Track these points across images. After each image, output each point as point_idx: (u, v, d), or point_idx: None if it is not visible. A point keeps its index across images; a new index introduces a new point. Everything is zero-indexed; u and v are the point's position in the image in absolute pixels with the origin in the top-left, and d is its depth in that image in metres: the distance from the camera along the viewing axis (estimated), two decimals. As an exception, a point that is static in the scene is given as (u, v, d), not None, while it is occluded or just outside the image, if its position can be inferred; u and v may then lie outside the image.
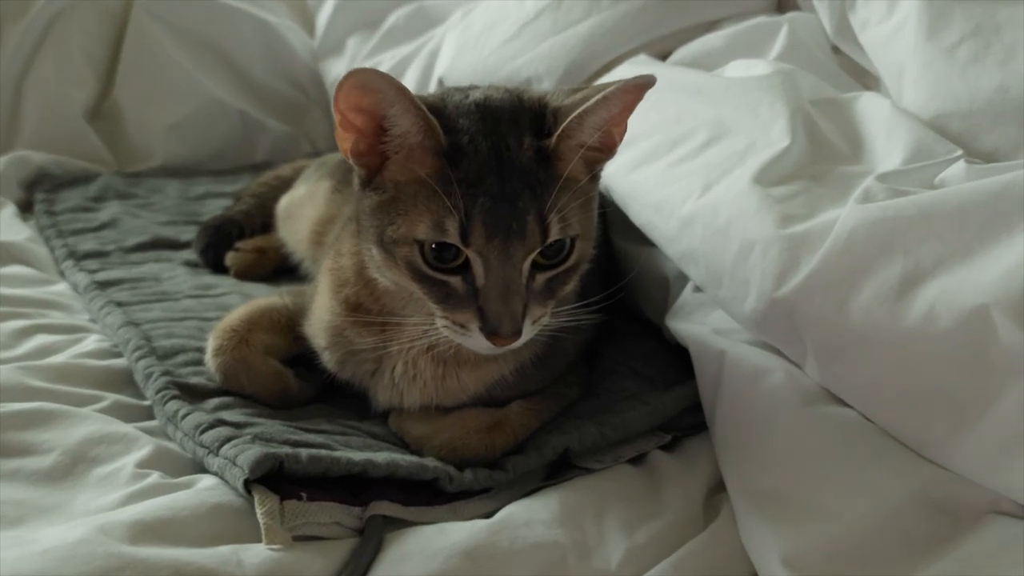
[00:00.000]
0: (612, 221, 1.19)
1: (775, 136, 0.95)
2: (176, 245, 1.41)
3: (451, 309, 0.79)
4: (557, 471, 0.89)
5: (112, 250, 1.36)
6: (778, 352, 0.87)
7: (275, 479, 0.76)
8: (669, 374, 1.02)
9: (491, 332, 0.78)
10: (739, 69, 1.12)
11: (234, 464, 0.76)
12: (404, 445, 0.89)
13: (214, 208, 1.54)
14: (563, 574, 0.74)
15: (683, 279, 1.07)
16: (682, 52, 1.25)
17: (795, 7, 1.27)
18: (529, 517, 0.78)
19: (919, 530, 0.71)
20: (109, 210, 1.50)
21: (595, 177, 0.86)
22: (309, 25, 2.01)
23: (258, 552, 0.69)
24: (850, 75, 1.14)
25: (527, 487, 0.86)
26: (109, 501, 0.75)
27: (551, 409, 0.92)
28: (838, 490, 0.74)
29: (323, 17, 1.90)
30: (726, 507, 0.83)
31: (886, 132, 0.93)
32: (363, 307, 0.89)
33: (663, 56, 1.28)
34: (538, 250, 0.78)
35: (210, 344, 0.94)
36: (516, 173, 0.77)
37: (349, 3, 1.84)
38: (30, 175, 1.59)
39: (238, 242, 1.36)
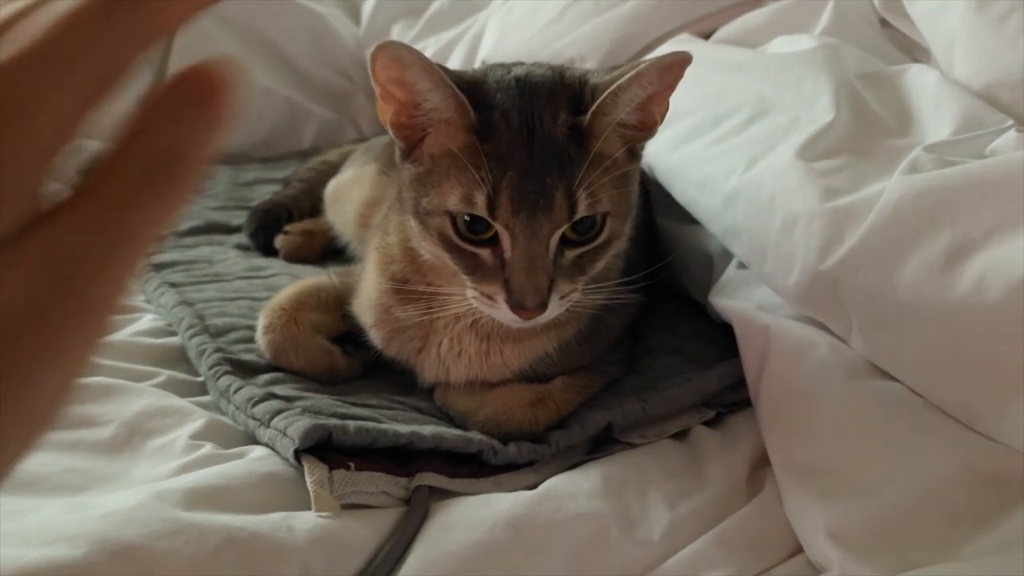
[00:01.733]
0: (655, 200, 1.19)
1: (819, 111, 0.94)
2: (228, 229, 1.44)
3: (479, 280, 0.81)
4: (600, 445, 0.90)
5: (166, 234, 1.39)
6: (822, 326, 0.87)
7: (324, 450, 0.78)
8: (711, 352, 1.01)
9: (516, 304, 0.79)
10: (783, 45, 1.11)
11: (284, 435, 0.78)
12: (449, 419, 0.90)
13: (263, 193, 1.57)
14: (605, 544, 0.75)
15: (727, 256, 1.07)
16: (725, 30, 1.25)
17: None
18: (572, 489, 0.79)
19: (966, 503, 0.70)
20: (163, 197, 1.54)
21: (634, 155, 0.86)
22: (353, 12, 2.03)
23: (308, 519, 0.70)
24: (899, 48, 1.12)
25: (570, 461, 0.87)
26: (165, 470, 0.78)
27: (595, 385, 0.93)
28: (884, 463, 0.74)
29: (368, 5, 1.92)
30: (770, 481, 0.83)
31: (935, 104, 0.91)
32: (409, 283, 0.90)
33: (706, 35, 1.27)
34: (566, 226, 0.79)
35: (260, 322, 0.96)
36: (548, 149, 0.78)
37: (393, -10, 1.85)
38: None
39: (287, 225, 1.38)
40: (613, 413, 0.89)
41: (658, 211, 1.19)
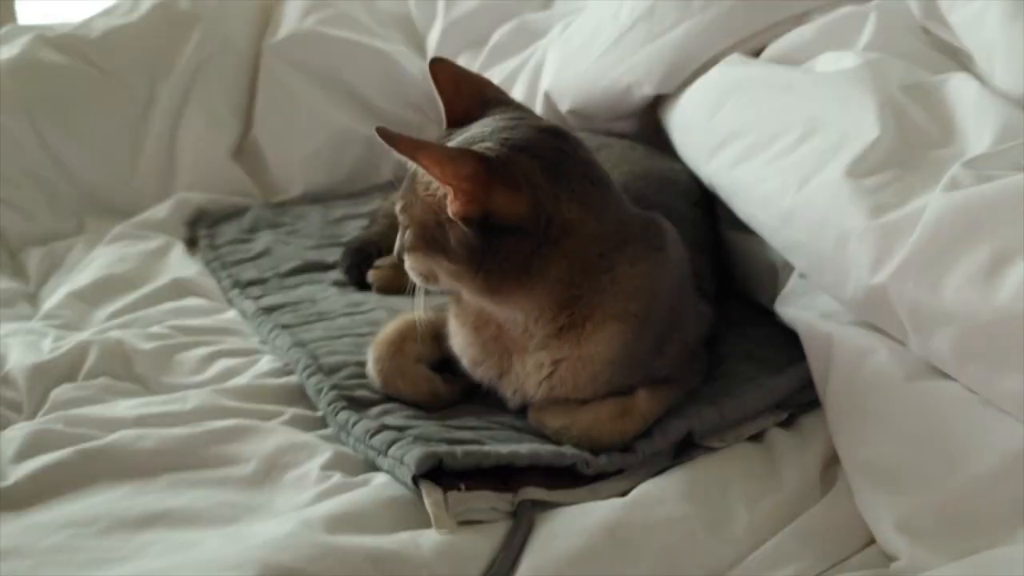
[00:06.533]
0: (721, 213, 1.27)
1: (865, 128, 1.01)
2: (324, 267, 1.56)
3: None
4: (682, 451, 0.99)
5: (270, 276, 1.53)
6: (882, 331, 0.94)
7: (437, 472, 0.89)
8: (782, 356, 1.09)
9: None
10: (829, 62, 1.18)
11: (401, 463, 0.89)
12: (545, 436, 1.00)
13: (352, 229, 1.70)
14: (693, 544, 0.84)
15: (791, 266, 1.14)
16: (774, 47, 1.31)
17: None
18: (661, 494, 0.88)
19: (1022, 491, 0.77)
20: (263, 240, 1.67)
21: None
22: (418, 46, 2.14)
23: (431, 536, 0.81)
24: (943, 53, 1.17)
25: (656, 467, 0.96)
26: (304, 499, 0.89)
27: (675, 395, 1.01)
28: (944, 457, 0.81)
29: (432, 39, 2.02)
30: (841, 478, 0.91)
31: (975, 114, 0.97)
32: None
33: (756, 52, 1.34)
34: None
35: (370, 355, 1.08)
36: None
37: (456, 25, 1.96)
38: (191, 214, 1.79)
39: (377, 260, 1.50)
40: (692, 420, 0.98)
41: (725, 223, 1.27)
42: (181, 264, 1.59)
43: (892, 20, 1.21)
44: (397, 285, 1.46)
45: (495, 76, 1.81)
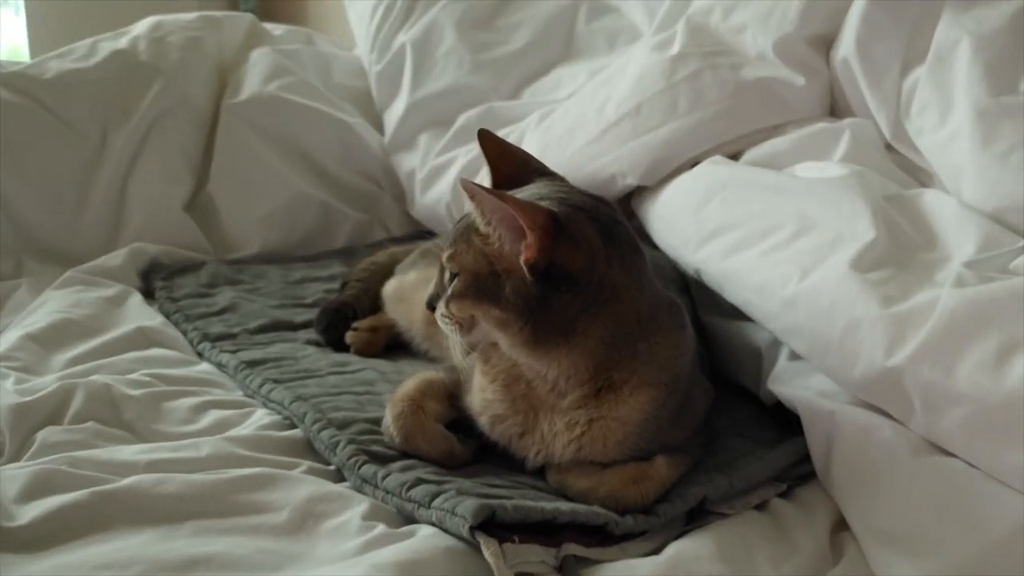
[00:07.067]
0: (698, 300, 1.37)
1: (861, 229, 1.12)
2: (293, 326, 1.56)
3: None
4: (694, 516, 1.04)
5: (238, 332, 1.50)
6: (881, 411, 1.04)
7: (487, 525, 0.90)
8: (770, 433, 1.18)
9: None
10: (812, 171, 1.31)
11: (453, 514, 0.90)
12: (566, 497, 1.03)
13: (314, 291, 1.70)
14: (732, 601, 0.89)
15: (774, 349, 1.23)
16: (752, 153, 1.44)
17: (849, 114, 1.46)
18: (695, 554, 0.93)
19: (1028, 555, 0.86)
20: (224, 295, 1.65)
21: None
22: (373, 120, 2.18)
23: (495, 585, 0.83)
24: (905, 172, 1.33)
25: (675, 529, 1.01)
26: (349, 549, 0.89)
27: (687, 463, 1.07)
28: (960, 523, 0.89)
29: (393, 116, 2.07)
30: (851, 544, 0.98)
31: (956, 225, 1.11)
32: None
33: (735, 156, 1.46)
34: None
35: (390, 411, 1.09)
36: None
37: (421, 103, 2.02)
38: (145, 265, 1.74)
39: (354, 323, 1.51)
40: (707, 487, 1.04)
41: (702, 309, 1.36)
42: (142, 313, 1.54)
43: (864, 138, 1.37)
44: (375, 348, 1.49)
45: (463, 156, 1.88)
